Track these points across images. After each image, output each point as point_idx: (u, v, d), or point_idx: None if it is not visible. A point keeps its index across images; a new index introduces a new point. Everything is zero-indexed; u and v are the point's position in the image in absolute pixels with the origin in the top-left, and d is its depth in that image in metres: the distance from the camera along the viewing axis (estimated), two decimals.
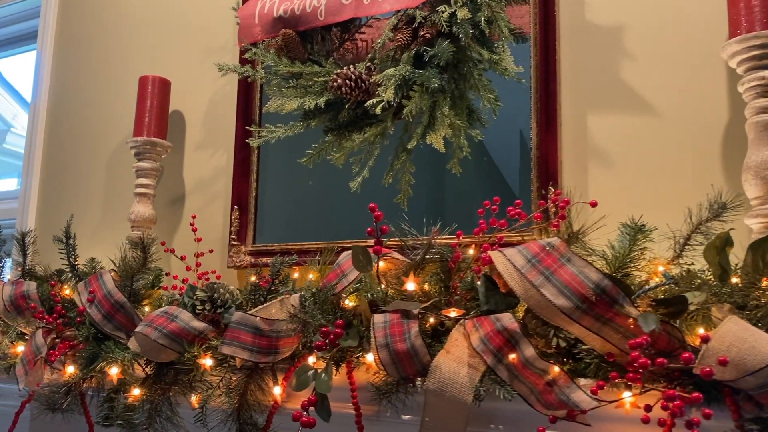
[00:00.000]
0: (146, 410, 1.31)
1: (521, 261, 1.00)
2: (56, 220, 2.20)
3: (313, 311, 1.20)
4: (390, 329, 1.08)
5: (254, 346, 1.20)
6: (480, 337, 1.01)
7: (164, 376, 1.35)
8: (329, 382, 1.07)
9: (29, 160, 2.33)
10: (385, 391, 1.10)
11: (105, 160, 2.16)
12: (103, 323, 1.39)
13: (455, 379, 1.01)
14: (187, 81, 2.01)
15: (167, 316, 1.30)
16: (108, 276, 1.43)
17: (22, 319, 1.58)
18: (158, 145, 1.87)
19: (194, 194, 1.96)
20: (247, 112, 1.85)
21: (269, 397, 1.26)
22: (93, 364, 1.39)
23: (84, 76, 2.28)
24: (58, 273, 1.71)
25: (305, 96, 1.63)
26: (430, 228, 1.22)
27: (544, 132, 1.44)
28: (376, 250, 1.19)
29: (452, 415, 1.02)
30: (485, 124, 1.58)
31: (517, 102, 1.53)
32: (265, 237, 1.81)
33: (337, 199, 1.78)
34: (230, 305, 1.36)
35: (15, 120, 4.09)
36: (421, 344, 1.05)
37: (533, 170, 1.45)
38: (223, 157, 1.92)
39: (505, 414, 1.08)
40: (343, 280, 1.29)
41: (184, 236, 1.92)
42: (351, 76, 1.55)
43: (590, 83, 1.45)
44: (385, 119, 1.57)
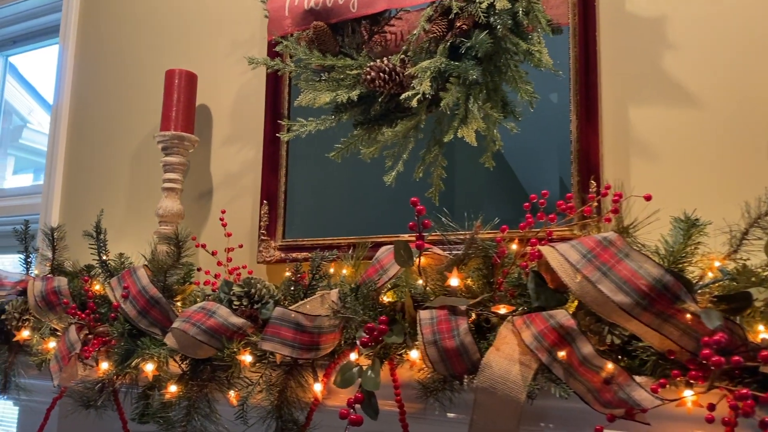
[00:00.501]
0: (184, 407, 1.29)
1: (576, 256, 0.98)
2: (80, 216, 2.19)
3: (355, 307, 1.17)
4: (438, 326, 1.06)
5: (295, 342, 1.18)
6: (533, 334, 0.99)
7: (201, 373, 1.33)
8: (377, 380, 1.05)
9: (52, 154, 2.32)
10: (432, 388, 1.08)
11: (130, 155, 2.15)
12: (137, 319, 1.38)
13: (507, 377, 0.99)
14: (213, 75, 1.99)
15: (205, 311, 1.29)
16: (142, 271, 1.42)
17: (53, 315, 1.56)
18: (186, 139, 1.85)
19: (222, 189, 1.94)
20: (275, 106, 1.83)
21: (309, 394, 1.24)
22: (128, 360, 1.37)
23: (107, 70, 2.27)
24: (87, 268, 1.70)
25: (337, 89, 1.60)
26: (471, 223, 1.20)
27: (585, 125, 1.42)
28: (418, 245, 1.17)
29: (504, 414, 1.00)
30: (519, 117, 1.55)
31: (543, 94, 1.51)
32: (295, 232, 1.79)
33: (366, 194, 1.77)
34: (267, 301, 1.34)
35: (31, 116, 4.08)
36: (471, 341, 1.03)
37: (573, 164, 1.42)
38: (251, 152, 1.90)
39: (555, 412, 1.06)
40: (383, 275, 1.27)
41: (212, 231, 1.90)
42: (385, 69, 1.53)
43: (632, 74, 1.42)
44: (419, 112, 1.54)
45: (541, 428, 1.06)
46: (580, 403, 0.97)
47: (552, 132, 1.53)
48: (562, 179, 1.47)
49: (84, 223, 2.12)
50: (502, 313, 1.06)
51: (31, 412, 1.97)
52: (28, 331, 1.61)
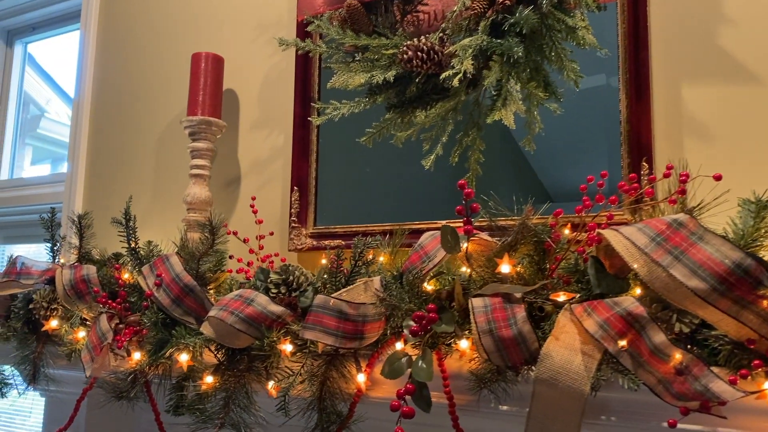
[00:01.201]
0: (221, 399, 1.25)
1: (643, 240, 0.92)
2: (104, 203, 2.16)
3: (401, 294, 1.12)
4: (492, 314, 1.00)
5: (339, 330, 1.13)
6: (597, 322, 0.93)
7: (237, 363, 1.28)
8: (430, 370, 1.00)
9: (75, 141, 2.28)
10: (486, 379, 1.02)
11: (154, 141, 2.11)
12: (171, 308, 1.33)
13: (569, 368, 0.94)
14: (240, 58, 1.94)
15: (243, 299, 1.24)
16: (175, 258, 1.37)
17: (83, 304, 1.52)
18: (213, 124, 1.80)
19: (250, 175, 1.89)
20: (305, 90, 1.78)
21: (351, 384, 1.19)
22: (162, 350, 1.33)
23: (130, 54, 2.22)
24: (115, 256, 1.66)
25: (372, 70, 1.55)
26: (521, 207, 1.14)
27: (635, 104, 1.35)
28: (466, 230, 1.12)
29: (566, 407, 0.94)
30: (561, 98, 1.49)
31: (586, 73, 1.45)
32: (326, 219, 1.74)
33: (399, 180, 1.71)
34: (305, 288, 1.29)
35: (48, 105, 4.06)
36: (530, 330, 0.98)
37: (623, 145, 1.36)
38: (279, 137, 1.85)
39: (618, 405, 1.00)
40: (427, 262, 1.21)
41: (240, 218, 1.85)
42: (423, 48, 1.47)
43: (685, 51, 1.35)
44: (459, 93, 1.48)
45: (602, 422, 1.01)
46: (644, 395, 0.92)
47: (597, 113, 1.47)
48: (610, 162, 1.41)
49: (108, 211, 2.08)
50: (561, 300, 1.01)
51: (58, 402, 1.94)
52: (57, 321, 1.57)
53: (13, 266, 1.68)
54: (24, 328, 1.62)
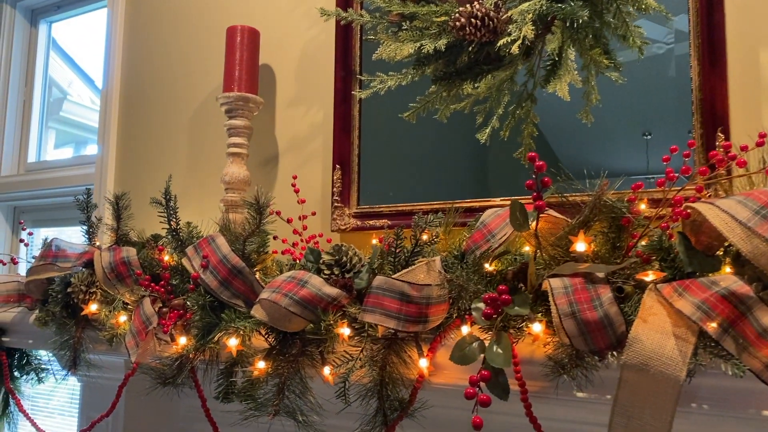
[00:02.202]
0: (274, 385, 1.19)
1: (746, 213, 0.84)
2: (137, 184, 2.10)
3: (469, 275, 1.05)
4: (574, 296, 0.93)
5: (401, 313, 1.07)
6: (694, 303, 0.86)
7: (289, 347, 1.23)
8: (507, 356, 0.93)
9: (105, 122, 2.23)
10: (565, 364, 0.96)
11: (187, 120, 2.04)
12: (219, 290, 1.28)
13: (661, 353, 0.87)
14: (276, 31, 1.86)
15: (296, 281, 1.18)
16: (222, 239, 1.31)
17: (124, 287, 1.47)
18: (251, 101, 1.73)
19: (288, 153, 1.82)
20: (346, 63, 1.70)
21: (412, 369, 1.13)
22: (209, 335, 1.27)
23: (160, 30, 2.15)
24: (154, 237, 1.61)
25: (421, 39, 1.47)
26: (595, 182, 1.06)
27: (709, 71, 1.26)
28: (537, 206, 1.04)
29: (657, 394, 0.87)
30: (620, 66, 1.41)
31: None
32: (370, 198, 1.67)
33: (445, 156, 1.63)
34: (359, 269, 1.23)
35: (71, 87, 4.02)
36: (617, 312, 0.90)
37: (695, 115, 1.28)
38: (319, 113, 1.77)
39: (710, 391, 0.93)
40: (491, 240, 1.14)
41: (279, 198, 1.76)
42: (477, 15, 1.39)
43: (763, 13, 1.26)
44: (515, 61, 1.40)
45: (693, 409, 0.94)
46: (740, 382, 0.85)
47: (660, 80, 1.38)
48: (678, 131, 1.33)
49: (141, 192, 2.03)
50: (649, 280, 0.93)
51: (95, 387, 1.90)
52: (96, 305, 1.52)
53: (48, 249, 1.64)
54: (63, 313, 1.57)
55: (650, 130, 1.40)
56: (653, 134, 1.40)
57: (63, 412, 2.52)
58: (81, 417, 1.98)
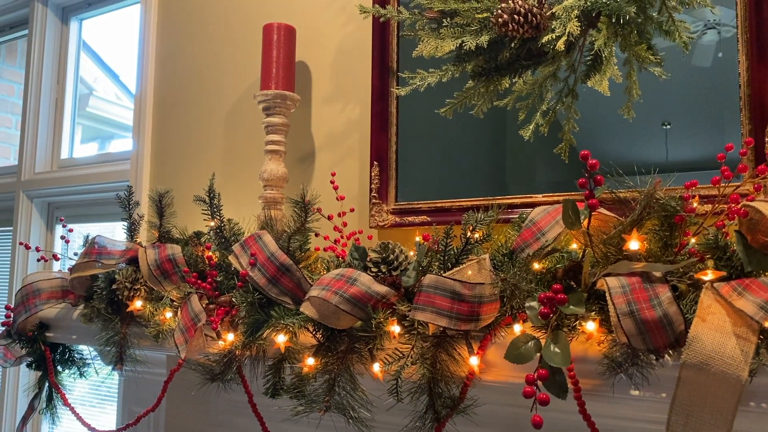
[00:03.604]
0: (324, 381, 1.21)
1: None
2: (173, 181, 2.12)
3: (521, 274, 1.06)
4: (632, 295, 0.93)
5: (453, 312, 1.08)
6: (756, 303, 0.86)
7: (338, 344, 1.24)
8: (565, 354, 0.94)
9: (139, 119, 2.25)
10: (621, 363, 0.96)
11: (223, 117, 2.06)
12: (267, 287, 1.29)
13: (722, 352, 0.87)
14: (312, 28, 1.87)
15: (346, 279, 1.19)
16: (269, 237, 1.33)
17: (169, 284, 1.49)
18: (288, 98, 1.74)
19: (325, 150, 1.83)
20: (383, 60, 1.70)
21: (463, 367, 1.14)
22: (258, 331, 1.29)
23: (194, 27, 2.17)
24: (197, 235, 1.63)
25: (462, 35, 1.46)
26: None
27: (757, 65, 1.25)
28: (590, 204, 1.04)
29: (718, 393, 0.87)
30: (662, 61, 1.40)
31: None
32: (408, 194, 1.68)
33: (484, 152, 1.64)
34: (405, 267, 1.24)
35: (96, 83, 4.05)
36: (676, 311, 0.91)
37: (743, 111, 1.27)
38: (355, 110, 1.78)
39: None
40: (541, 238, 1.15)
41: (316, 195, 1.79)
42: (520, 11, 1.38)
43: None
44: (558, 57, 1.40)
45: (752, 408, 0.94)
46: None
47: (683, 69, 1.37)
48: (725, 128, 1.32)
49: (178, 189, 2.05)
50: (707, 279, 0.93)
51: (135, 381, 1.94)
52: (141, 302, 1.55)
53: (92, 246, 1.66)
54: (107, 309, 1.60)
55: (669, 120, 1.40)
56: (672, 124, 1.39)
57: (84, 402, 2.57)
58: (122, 410, 2.02)
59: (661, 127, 1.41)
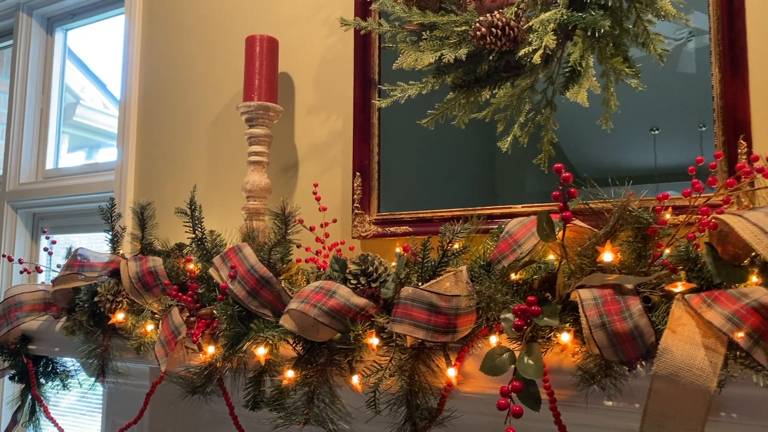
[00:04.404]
0: (303, 394, 1.21)
1: None
2: (157, 193, 2.12)
3: (497, 286, 1.07)
4: (604, 307, 0.94)
5: (430, 324, 1.08)
6: (724, 314, 0.87)
7: (317, 357, 1.24)
8: (538, 367, 0.95)
9: (123, 131, 2.25)
10: (595, 374, 0.97)
11: (206, 127, 2.06)
12: (247, 300, 1.30)
13: (692, 363, 0.88)
14: (294, 39, 1.88)
15: (324, 291, 1.20)
16: (249, 249, 1.33)
17: (150, 297, 1.50)
18: (271, 109, 1.75)
19: (308, 161, 1.84)
20: (365, 71, 1.72)
21: (441, 379, 1.15)
22: (238, 344, 1.29)
23: (178, 38, 2.17)
24: (178, 247, 1.63)
25: (441, 48, 1.48)
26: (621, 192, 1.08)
27: (730, 78, 1.27)
28: (564, 216, 1.05)
29: (688, 404, 0.88)
30: (638, 73, 1.42)
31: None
32: (390, 205, 1.69)
33: (464, 163, 1.65)
34: (385, 279, 1.25)
35: (83, 92, 4.05)
36: (647, 323, 0.92)
37: (717, 122, 1.28)
38: (338, 121, 1.79)
39: (739, 401, 0.94)
40: (517, 250, 1.16)
41: (300, 205, 1.79)
42: (497, 24, 1.40)
43: None
44: (536, 70, 1.41)
45: (722, 418, 0.95)
46: None
47: (669, 75, 1.38)
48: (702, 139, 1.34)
49: (161, 201, 2.06)
50: (677, 291, 0.95)
51: (118, 393, 1.93)
52: (123, 314, 1.55)
53: (74, 258, 1.66)
54: (89, 322, 1.60)
55: (657, 125, 1.42)
56: (660, 129, 1.41)
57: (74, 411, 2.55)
58: (106, 422, 2.01)
59: (650, 132, 1.43)
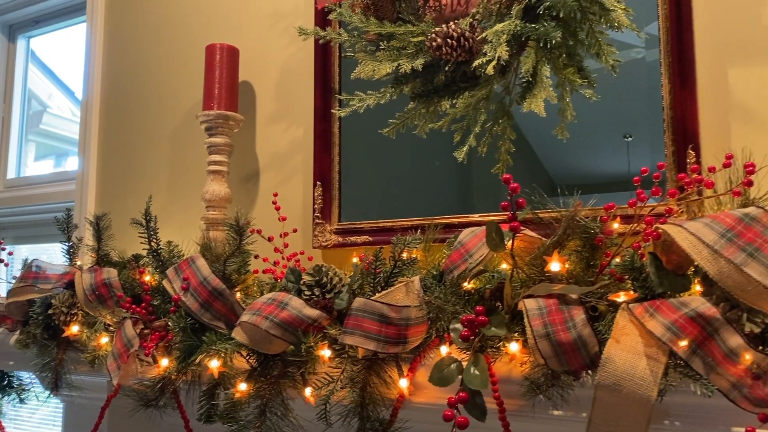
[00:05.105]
0: (256, 407, 1.20)
1: (712, 236, 0.87)
2: (118, 202, 2.10)
3: (447, 296, 1.07)
4: (549, 317, 0.95)
5: (381, 335, 1.08)
6: (664, 324, 0.88)
7: (271, 369, 1.23)
8: (484, 377, 0.95)
9: (84, 140, 2.22)
10: (541, 384, 0.97)
11: (168, 137, 2.04)
12: (200, 312, 1.28)
13: (633, 373, 0.89)
14: (255, 48, 1.87)
15: (277, 303, 1.19)
16: (202, 261, 1.32)
17: (105, 309, 1.47)
18: (231, 118, 1.74)
19: (269, 170, 1.83)
20: (325, 80, 1.71)
21: (393, 389, 1.15)
22: (191, 356, 1.28)
23: (140, 47, 2.15)
24: (135, 258, 1.61)
25: (399, 59, 1.48)
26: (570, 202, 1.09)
27: (679, 89, 1.29)
28: (512, 226, 1.06)
29: (630, 413, 0.89)
30: (593, 83, 1.43)
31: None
32: (351, 215, 1.68)
33: (426, 172, 1.65)
34: (339, 290, 1.24)
35: (50, 100, 3.99)
36: (590, 333, 0.93)
37: (667, 132, 1.31)
38: (299, 130, 1.79)
39: (682, 408, 0.95)
40: (468, 260, 1.16)
41: (260, 215, 1.79)
42: (453, 35, 1.40)
43: (730, 32, 1.29)
44: (491, 80, 1.42)
45: (665, 426, 0.96)
46: (711, 400, 0.87)
47: (638, 84, 1.40)
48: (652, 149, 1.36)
49: (123, 210, 2.03)
50: (620, 300, 0.95)
51: (77, 408, 1.89)
52: (78, 326, 1.52)
53: (28, 270, 1.63)
54: (44, 335, 1.57)
55: (631, 133, 1.43)
56: (634, 136, 1.43)
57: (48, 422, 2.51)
58: None
59: (623, 139, 1.45)
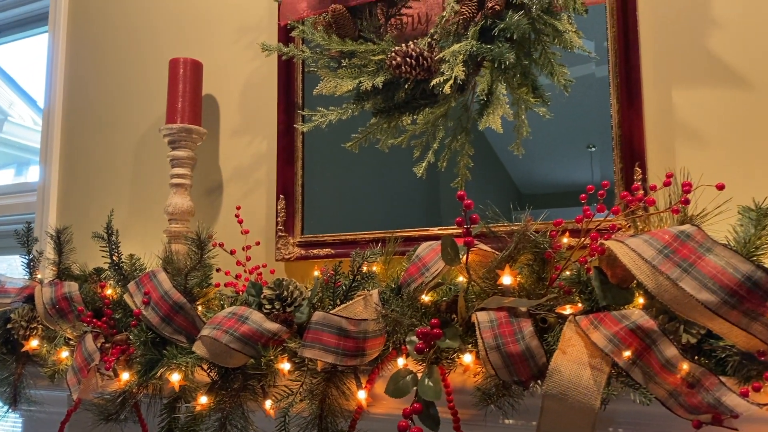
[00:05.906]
0: (216, 420, 1.21)
1: (650, 252, 0.91)
2: (80, 214, 2.09)
3: (403, 309, 1.10)
4: (499, 329, 0.99)
5: (339, 348, 1.11)
6: (606, 336, 0.92)
7: (231, 382, 1.25)
8: (437, 389, 0.98)
9: (46, 151, 2.20)
10: (493, 394, 1.01)
11: (131, 150, 2.04)
12: (161, 326, 1.29)
13: (578, 383, 0.93)
14: (219, 63, 1.89)
15: (237, 317, 1.20)
16: (163, 275, 1.33)
17: (65, 324, 1.47)
18: (194, 132, 1.75)
19: (233, 183, 1.84)
20: (288, 96, 1.74)
21: (352, 401, 1.17)
22: (152, 370, 1.29)
23: (102, 59, 2.15)
24: (97, 271, 1.60)
25: (360, 76, 1.52)
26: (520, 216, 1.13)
27: (627, 109, 1.35)
28: (466, 241, 1.10)
29: (575, 421, 0.93)
30: (548, 101, 1.49)
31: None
32: (314, 227, 1.70)
33: (387, 186, 1.69)
34: (300, 303, 1.26)
35: (11, 108, 3.93)
36: (538, 345, 0.97)
37: (615, 150, 1.36)
38: (262, 144, 1.81)
39: (625, 416, 1.00)
40: (425, 273, 1.20)
41: (224, 228, 1.81)
42: (411, 54, 1.45)
43: (675, 55, 1.35)
44: (449, 99, 1.47)
45: None
46: (652, 408, 0.92)
47: (582, 117, 1.46)
48: (601, 168, 1.41)
49: (85, 222, 2.02)
50: (567, 313, 1.00)
51: (37, 422, 1.87)
52: (37, 341, 1.51)
53: None
54: (2, 349, 1.56)
55: (594, 143, 1.49)
56: (597, 147, 1.48)
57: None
58: None
59: (587, 149, 1.50)
